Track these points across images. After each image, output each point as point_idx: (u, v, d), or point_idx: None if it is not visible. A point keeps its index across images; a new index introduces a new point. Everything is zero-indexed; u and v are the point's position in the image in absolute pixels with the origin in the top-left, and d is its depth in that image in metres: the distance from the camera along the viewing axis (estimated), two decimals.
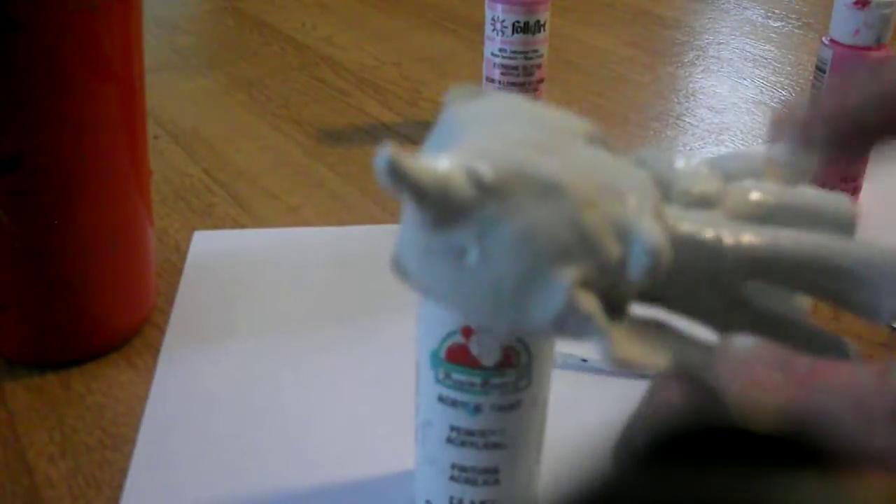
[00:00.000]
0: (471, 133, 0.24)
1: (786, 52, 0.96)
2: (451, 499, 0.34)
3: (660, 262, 0.22)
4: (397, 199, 0.22)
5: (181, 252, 0.56)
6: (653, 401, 0.21)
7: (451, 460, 0.33)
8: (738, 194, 0.27)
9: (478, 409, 0.31)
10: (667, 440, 0.16)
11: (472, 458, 0.32)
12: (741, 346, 0.21)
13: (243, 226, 0.59)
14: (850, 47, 0.58)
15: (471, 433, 0.32)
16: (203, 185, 0.64)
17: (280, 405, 0.43)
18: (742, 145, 0.73)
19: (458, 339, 0.30)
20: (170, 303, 0.50)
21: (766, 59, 0.93)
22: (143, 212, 0.47)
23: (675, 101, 0.82)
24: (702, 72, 0.89)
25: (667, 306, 0.25)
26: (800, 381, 0.19)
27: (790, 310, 0.26)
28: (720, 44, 0.98)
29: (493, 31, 0.70)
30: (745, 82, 0.87)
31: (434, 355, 0.31)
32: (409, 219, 0.22)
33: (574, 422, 0.38)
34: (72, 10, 0.39)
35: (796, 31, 1.03)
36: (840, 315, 0.51)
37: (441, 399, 0.32)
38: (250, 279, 0.53)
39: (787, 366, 0.20)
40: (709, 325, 0.26)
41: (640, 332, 0.23)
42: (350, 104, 0.79)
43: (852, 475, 0.15)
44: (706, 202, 0.25)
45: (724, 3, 1.13)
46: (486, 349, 0.30)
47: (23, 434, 0.41)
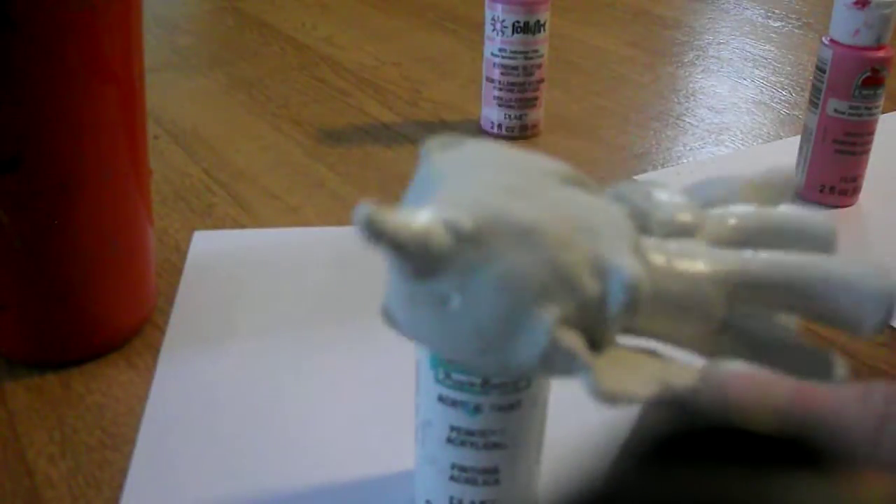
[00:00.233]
0: (448, 182, 0.24)
1: (786, 52, 0.96)
2: (451, 499, 0.34)
3: (638, 296, 0.23)
4: (378, 252, 0.22)
5: (181, 252, 0.56)
6: (641, 424, 0.21)
7: (451, 460, 0.33)
8: (717, 220, 0.27)
9: (478, 409, 0.31)
10: (666, 440, 0.17)
11: (472, 458, 0.32)
12: (725, 371, 0.21)
13: (243, 226, 0.59)
14: (850, 47, 0.59)
15: (471, 433, 0.32)
16: (203, 185, 0.64)
17: (280, 405, 0.43)
18: (742, 145, 0.73)
19: None
20: (170, 303, 0.50)
21: (766, 59, 0.93)
22: (143, 212, 0.47)
23: (675, 101, 0.82)
24: (702, 72, 0.89)
25: (652, 335, 0.25)
26: (783, 408, 0.19)
27: (778, 329, 0.26)
28: (720, 44, 0.98)
29: (493, 31, 0.70)
30: (745, 82, 0.87)
31: (434, 355, 0.31)
32: (392, 270, 0.23)
33: (574, 422, 0.38)
34: (71, 10, 0.39)
35: (796, 31, 1.03)
36: None
37: (441, 399, 0.32)
38: (250, 279, 0.53)
39: (769, 389, 0.20)
40: (695, 351, 0.26)
41: (625, 363, 0.24)
42: (350, 104, 0.80)
43: (852, 475, 0.15)
44: (685, 231, 0.26)
45: (724, 3, 1.13)
46: None
47: (23, 434, 0.41)
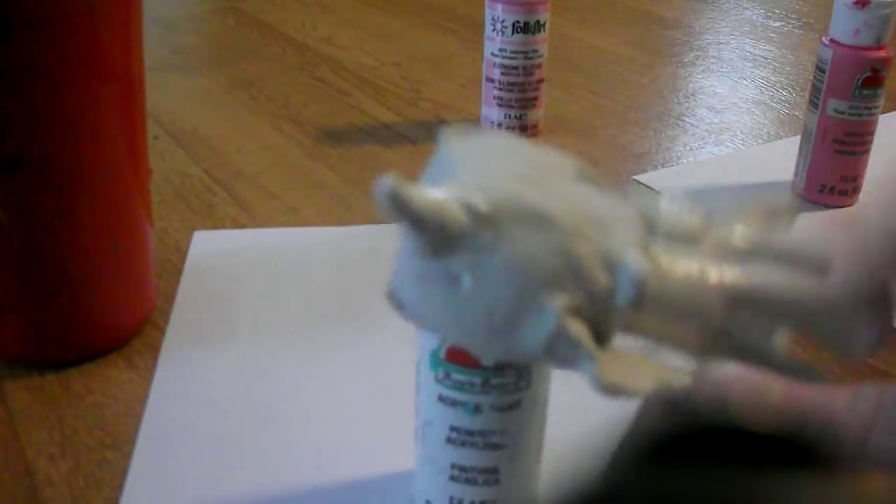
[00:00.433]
0: (464, 169, 0.24)
1: (786, 52, 0.96)
2: (451, 499, 0.34)
3: (645, 292, 0.23)
4: (396, 226, 0.22)
5: (181, 252, 0.56)
6: (638, 426, 0.22)
7: (450, 460, 0.33)
8: (721, 233, 0.27)
9: (478, 409, 0.31)
10: (666, 440, 0.17)
11: (472, 458, 0.32)
12: (721, 372, 0.21)
13: (243, 226, 0.59)
14: (850, 47, 0.58)
15: (471, 433, 0.32)
16: (203, 185, 0.64)
17: (280, 405, 0.43)
18: (742, 145, 0.73)
19: None
20: (170, 303, 0.50)
21: (766, 59, 0.93)
22: (143, 212, 0.47)
23: (675, 101, 0.82)
24: (702, 72, 0.89)
25: (649, 335, 0.26)
26: (778, 408, 0.19)
27: (771, 344, 0.27)
28: (720, 44, 0.98)
29: (493, 31, 0.70)
30: (745, 82, 0.87)
31: (434, 355, 0.31)
32: (406, 247, 0.23)
33: (574, 422, 0.38)
34: (71, 10, 0.39)
35: (796, 31, 1.03)
36: None
37: (441, 399, 0.32)
38: (250, 279, 0.53)
39: (764, 389, 0.20)
40: (690, 354, 0.26)
41: (626, 359, 0.24)
42: (350, 104, 0.79)
43: (850, 475, 0.15)
44: (690, 239, 0.26)
45: (724, 3, 1.13)
46: None
47: (23, 434, 0.41)
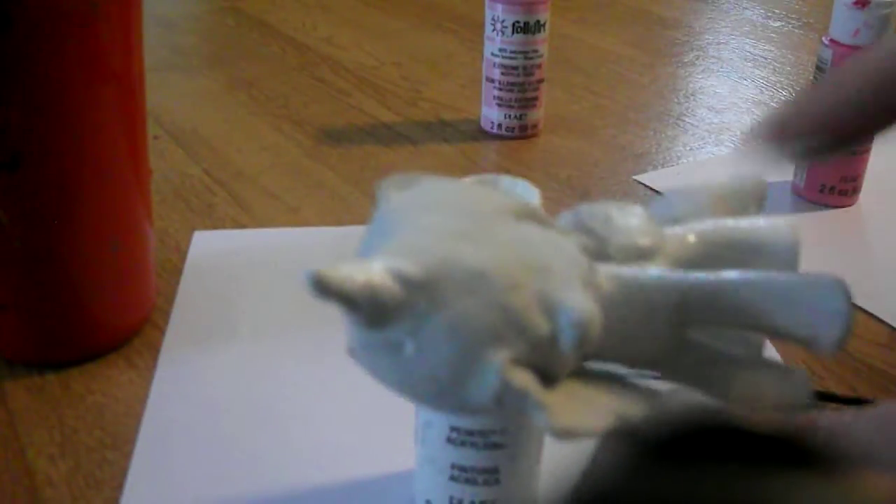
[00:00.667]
0: (401, 227, 0.24)
1: (786, 52, 0.96)
2: (451, 499, 0.34)
3: (587, 333, 0.23)
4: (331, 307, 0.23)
5: (181, 252, 0.56)
6: (597, 464, 0.22)
7: (450, 460, 0.33)
8: (677, 241, 0.27)
9: None
10: (666, 440, 0.17)
11: (472, 458, 0.32)
12: (675, 404, 0.21)
13: (243, 226, 0.59)
14: (850, 47, 0.58)
15: (471, 433, 0.32)
16: (203, 185, 0.64)
17: (280, 405, 0.43)
18: (742, 145, 0.73)
19: None
20: (170, 303, 0.50)
21: (766, 59, 0.93)
22: (143, 212, 0.47)
23: (675, 101, 0.82)
24: (702, 72, 0.89)
25: (613, 361, 0.26)
26: None
27: (740, 347, 0.26)
28: (720, 44, 0.98)
29: (493, 31, 0.70)
30: (745, 82, 0.87)
31: None
32: (347, 319, 0.23)
33: None
34: (71, 10, 0.39)
35: (796, 31, 1.03)
36: None
37: None
38: (250, 279, 0.53)
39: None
40: (656, 372, 0.26)
41: (580, 395, 0.24)
42: (350, 104, 0.79)
43: (852, 476, 0.15)
44: (644, 254, 0.26)
45: (724, 3, 1.13)
46: None
47: (23, 434, 0.41)
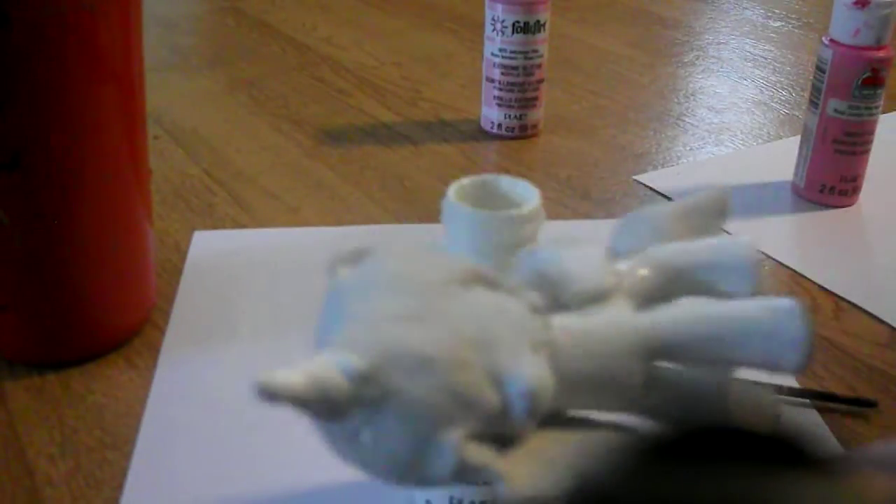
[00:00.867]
0: (347, 313, 0.25)
1: (786, 52, 0.96)
2: (451, 499, 0.34)
3: (538, 399, 0.24)
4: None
5: (181, 252, 0.56)
6: (598, 464, 0.22)
7: None
8: (631, 276, 0.27)
9: None
10: (667, 440, 0.17)
11: None
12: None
13: (243, 226, 0.59)
14: (850, 47, 0.58)
15: None
16: (203, 185, 0.64)
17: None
18: (742, 145, 0.73)
19: None
20: (170, 303, 0.50)
21: (766, 59, 0.93)
22: (143, 212, 0.47)
23: (675, 101, 0.82)
24: (702, 72, 0.89)
25: (579, 409, 0.26)
26: None
27: (707, 377, 0.26)
28: (720, 44, 0.98)
29: (493, 31, 0.70)
30: (745, 82, 0.87)
31: None
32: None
33: None
34: (71, 10, 0.39)
35: (796, 31, 1.03)
36: (839, 314, 0.51)
37: None
38: (250, 279, 0.53)
39: None
40: (628, 413, 0.26)
41: (539, 455, 0.24)
42: (350, 104, 0.80)
43: (852, 476, 0.15)
44: (600, 297, 0.26)
45: (724, 3, 1.13)
46: None
47: (23, 434, 0.41)
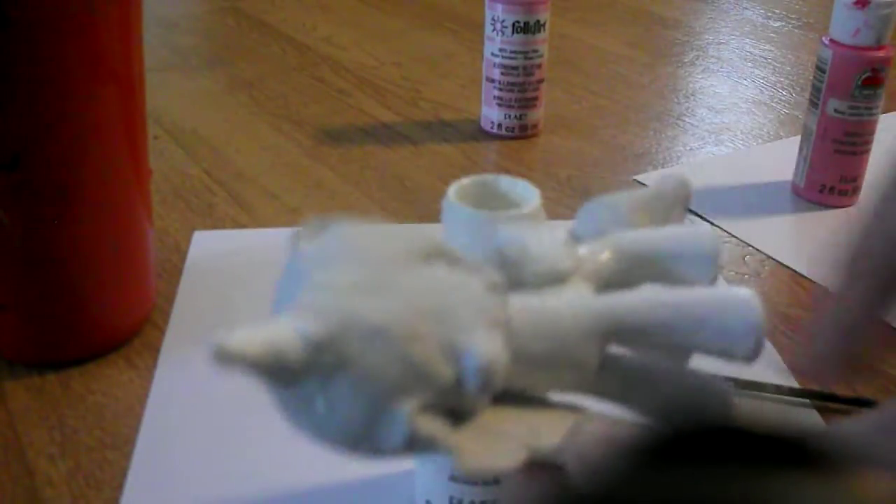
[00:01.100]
0: (306, 282, 0.25)
1: (786, 52, 0.96)
2: (451, 499, 0.34)
3: (492, 374, 0.24)
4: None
5: (181, 252, 0.56)
6: (597, 465, 0.22)
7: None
8: (592, 260, 0.27)
9: None
10: (667, 440, 0.17)
11: None
12: (587, 430, 0.22)
13: (243, 226, 0.59)
14: (850, 47, 0.58)
15: None
16: (203, 185, 0.64)
17: None
18: (742, 145, 0.73)
19: None
20: (170, 303, 0.50)
21: (766, 59, 0.93)
22: (143, 212, 0.47)
23: (675, 101, 0.82)
24: (702, 72, 0.89)
25: (534, 389, 0.26)
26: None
27: (663, 361, 0.27)
28: (720, 44, 0.98)
29: (493, 31, 0.70)
30: (745, 82, 0.87)
31: None
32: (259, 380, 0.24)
33: None
34: (71, 10, 0.39)
35: (796, 31, 1.03)
36: None
37: None
38: (250, 279, 0.53)
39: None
40: (580, 394, 0.26)
41: (492, 431, 0.25)
42: (350, 104, 0.80)
43: (852, 475, 0.15)
44: (559, 278, 0.27)
45: (724, 3, 1.13)
46: None
47: (23, 434, 0.41)
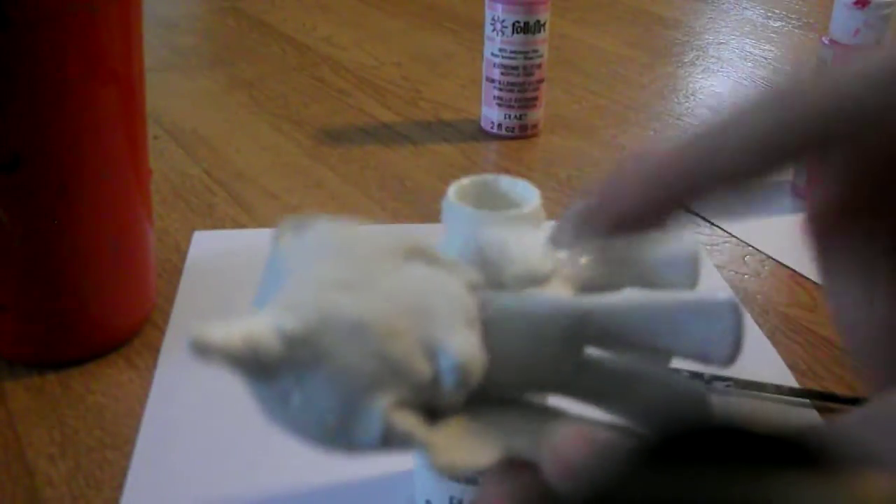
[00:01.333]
0: (286, 278, 0.25)
1: (786, 52, 0.96)
2: (451, 499, 0.34)
3: (469, 372, 0.24)
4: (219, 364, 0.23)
5: (181, 252, 0.56)
6: (596, 465, 0.22)
7: None
8: (573, 263, 0.28)
9: None
10: (667, 440, 0.17)
11: None
12: (562, 429, 0.22)
13: (243, 226, 0.59)
14: (850, 47, 0.58)
15: None
16: (203, 185, 0.64)
17: None
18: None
19: None
20: (170, 303, 0.50)
21: (766, 59, 0.93)
22: (143, 212, 0.47)
23: (675, 101, 0.82)
24: (702, 72, 0.89)
25: (510, 388, 0.26)
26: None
27: (640, 364, 0.27)
28: (720, 44, 0.98)
29: (493, 31, 0.70)
30: (746, 82, 0.87)
31: None
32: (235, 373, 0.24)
33: None
34: (71, 10, 0.39)
35: (796, 31, 1.03)
36: None
37: None
38: (250, 279, 0.53)
39: (597, 447, 0.21)
40: (559, 395, 0.26)
41: (468, 430, 0.25)
42: (350, 104, 0.79)
43: (852, 475, 0.15)
44: (538, 280, 0.27)
45: (724, 3, 1.13)
46: None
47: (23, 434, 0.41)
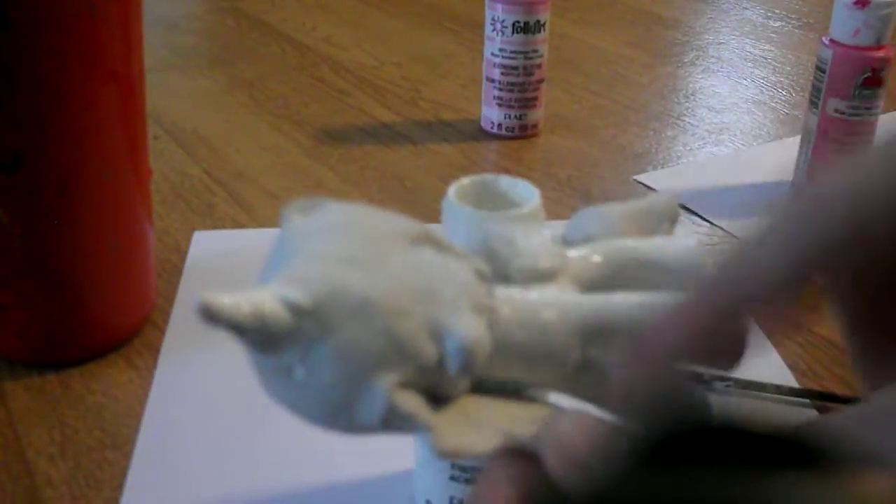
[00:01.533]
0: (296, 254, 0.25)
1: (786, 52, 0.96)
2: (451, 499, 0.34)
3: (474, 357, 0.24)
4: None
5: (181, 252, 0.56)
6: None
7: (450, 460, 0.33)
8: (580, 262, 0.27)
9: None
10: (666, 440, 0.17)
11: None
12: (564, 420, 0.22)
13: (243, 226, 0.59)
14: (850, 47, 0.59)
15: None
16: (203, 185, 0.64)
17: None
18: (742, 145, 0.73)
19: None
20: (170, 303, 0.50)
21: (766, 59, 0.93)
22: (143, 212, 0.47)
23: (675, 101, 0.82)
24: (702, 72, 0.89)
25: (514, 387, 0.26)
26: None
27: None
28: (720, 44, 0.98)
29: (493, 31, 0.70)
30: (745, 82, 0.87)
31: None
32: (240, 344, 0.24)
33: None
34: (71, 9, 0.39)
35: (796, 31, 1.03)
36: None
37: None
38: (250, 279, 0.53)
39: (598, 436, 0.20)
40: (557, 391, 0.26)
41: (471, 415, 0.25)
42: (350, 104, 0.79)
43: (852, 475, 0.15)
44: (545, 276, 0.27)
45: (724, 3, 1.13)
46: None
47: (23, 434, 0.41)
